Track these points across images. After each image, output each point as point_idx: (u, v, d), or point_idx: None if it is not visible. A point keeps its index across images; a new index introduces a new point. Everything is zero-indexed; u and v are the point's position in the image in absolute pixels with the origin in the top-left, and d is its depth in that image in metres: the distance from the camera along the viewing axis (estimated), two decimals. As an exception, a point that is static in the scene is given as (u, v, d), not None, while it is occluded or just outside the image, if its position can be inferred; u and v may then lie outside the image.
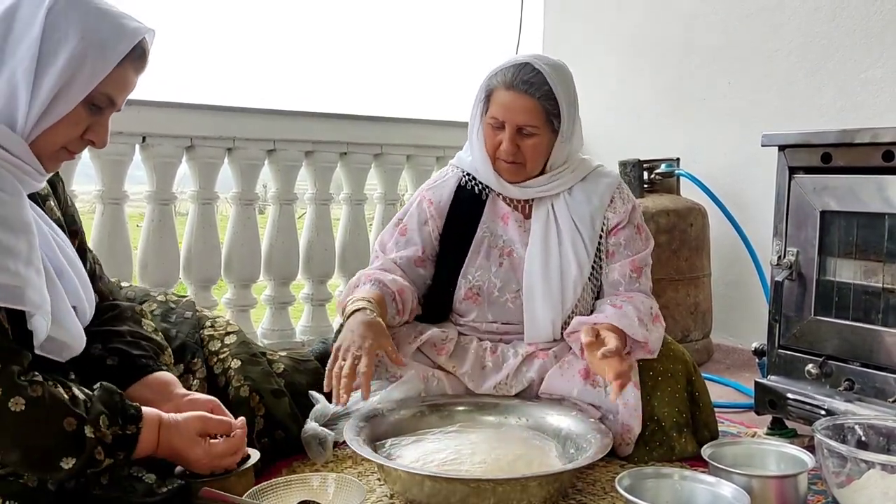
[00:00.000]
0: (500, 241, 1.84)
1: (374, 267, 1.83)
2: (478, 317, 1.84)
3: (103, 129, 1.24)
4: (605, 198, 1.82)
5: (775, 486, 1.39)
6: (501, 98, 1.73)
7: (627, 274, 1.79)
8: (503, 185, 1.81)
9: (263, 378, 1.63)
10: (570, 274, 1.78)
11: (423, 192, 1.92)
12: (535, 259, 1.79)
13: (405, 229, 1.88)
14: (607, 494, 1.50)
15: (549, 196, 1.82)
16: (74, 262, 1.32)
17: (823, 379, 1.76)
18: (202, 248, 2.52)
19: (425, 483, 1.36)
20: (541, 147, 1.76)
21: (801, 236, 1.82)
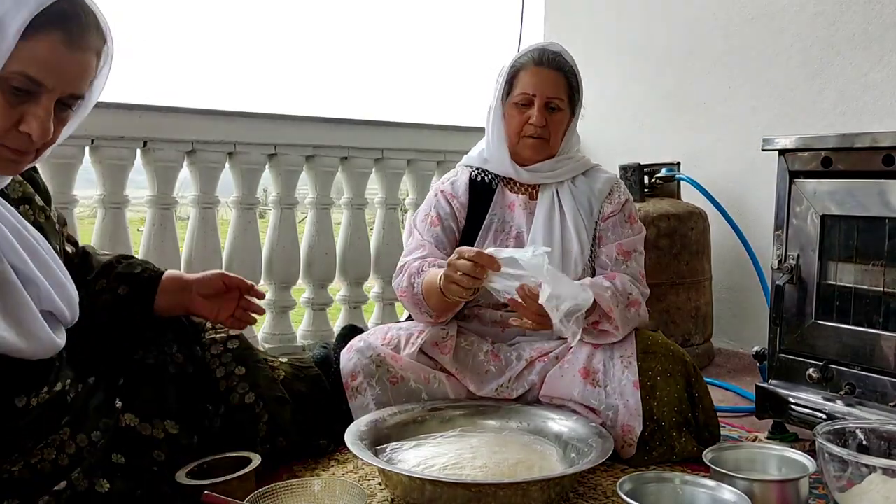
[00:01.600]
0: (508, 227, 1.92)
1: (422, 255, 1.86)
2: (483, 298, 1.86)
3: (38, 118, 1.07)
4: (604, 190, 1.94)
5: (777, 490, 1.39)
6: (531, 74, 1.86)
7: (614, 257, 1.87)
8: (516, 169, 1.91)
9: (267, 385, 1.62)
10: (572, 252, 1.85)
11: (440, 188, 1.98)
12: (538, 235, 1.87)
13: (438, 220, 1.92)
14: (608, 499, 1.50)
15: (555, 183, 1.92)
16: (49, 266, 1.26)
17: (824, 383, 1.76)
18: (203, 253, 2.52)
19: (426, 487, 1.36)
20: (562, 123, 1.90)
21: (802, 240, 1.82)
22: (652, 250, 2.44)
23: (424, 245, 1.89)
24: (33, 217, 1.35)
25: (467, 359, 1.84)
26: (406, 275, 1.83)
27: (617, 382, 1.70)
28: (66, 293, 1.32)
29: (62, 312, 1.30)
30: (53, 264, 1.30)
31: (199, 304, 1.54)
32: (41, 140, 1.09)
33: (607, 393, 1.69)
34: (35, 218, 1.36)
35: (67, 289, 1.33)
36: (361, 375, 1.77)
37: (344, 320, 2.85)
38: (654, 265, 2.38)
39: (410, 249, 1.91)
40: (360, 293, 2.91)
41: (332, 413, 1.72)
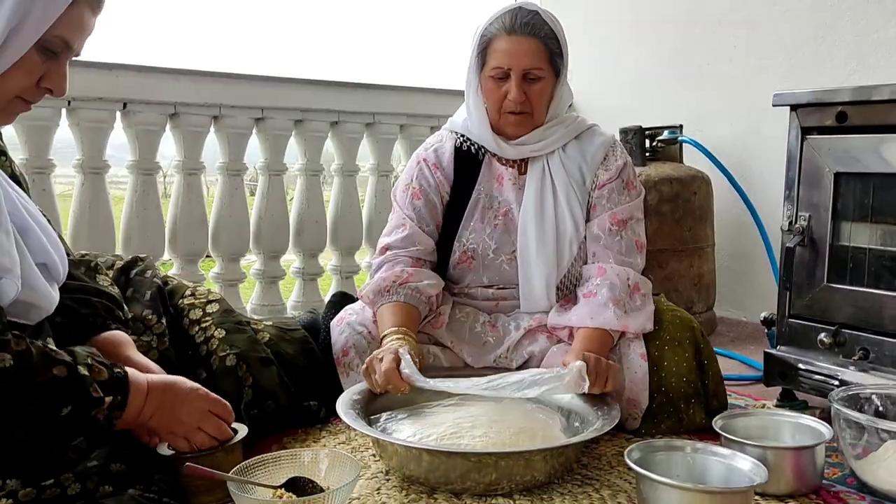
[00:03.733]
0: (496, 203, 1.77)
1: (403, 237, 1.74)
2: (472, 281, 1.77)
3: (60, 75, 1.14)
4: (598, 155, 1.75)
5: (792, 458, 1.32)
6: (503, 45, 1.65)
7: (607, 227, 1.71)
8: (500, 144, 1.74)
9: (250, 346, 1.54)
10: (566, 232, 1.72)
11: (423, 156, 1.82)
12: (529, 217, 1.72)
13: (420, 193, 1.78)
14: (614, 469, 1.43)
15: (544, 154, 1.75)
16: (38, 216, 1.25)
17: (836, 348, 1.69)
18: (188, 221, 2.43)
19: (423, 458, 1.28)
20: (546, 92, 1.70)
21: (814, 200, 1.74)
22: (654, 216, 2.36)
23: (405, 224, 1.76)
24: (10, 170, 1.30)
25: (463, 330, 1.76)
26: (374, 285, 1.69)
27: (623, 355, 1.61)
28: (57, 248, 1.26)
29: (55, 265, 1.24)
30: (41, 217, 1.26)
31: None
32: (60, 95, 1.17)
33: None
34: (12, 170, 1.31)
35: (57, 243, 1.27)
36: (353, 351, 1.69)
37: (335, 291, 2.76)
38: (655, 231, 2.30)
39: (391, 228, 1.79)
40: (352, 263, 2.82)
41: (321, 375, 1.64)
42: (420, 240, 1.74)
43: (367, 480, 1.37)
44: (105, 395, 1.12)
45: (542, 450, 1.29)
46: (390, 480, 1.36)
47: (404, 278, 1.68)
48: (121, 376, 1.16)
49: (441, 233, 1.78)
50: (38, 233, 1.20)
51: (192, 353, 1.54)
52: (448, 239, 1.77)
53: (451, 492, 1.30)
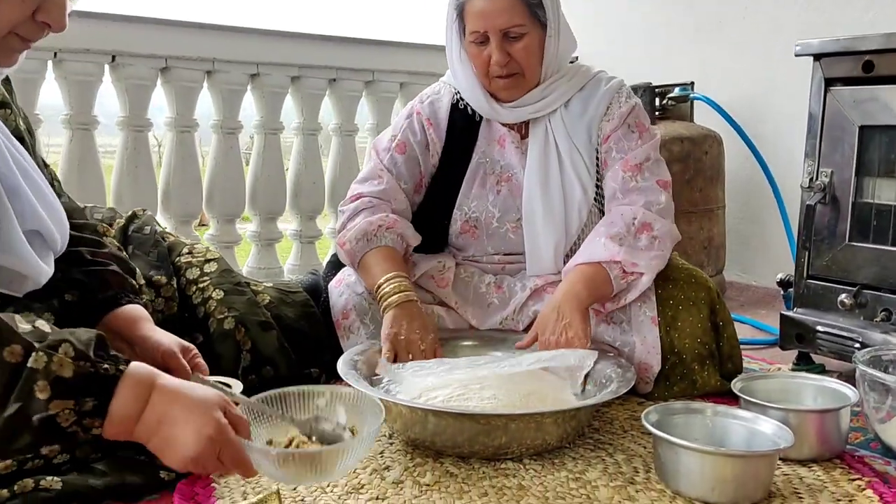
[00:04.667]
0: (498, 167, 1.66)
1: (379, 189, 1.64)
2: (477, 251, 1.69)
3: (58, 7, 1.04)
4: (601, 106, 1.62)
5: (816, 421, 1.26)
6: (477, 6, 1.54)
7: (620, 177, 1.58)
8: (495, 108, 1.63)
9: (249, 309, 1.47)
10: (574, 197, 1.61)
11: (416, 108, 1.71)
12: (533, 183, 1.62)
13: (404, 147, 1.67)
14: (627, 433, 1.37)
15: (546, 114, 1.63)
16: (35, 180, 1.15)
17: (857, 309, 1.62)
18: (181, 181, 2.34)
19: (429, 420, 1.22)
20: (532, 48, 1.57)
21: (836, 155, 1.66)
22: (664, 176, 2.28)
23: (382, 176, 1.65)
24: (14, 123, 1.20)
25: (468, 291, 1.68)
26: (359, 229, 1.58)
27: (633, 317, 1.54)
28: (56, 214, 1.16)
29: (51, 234, 1.14)
30: (39, 180, 1.16)
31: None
32: (59, 30, 1.07)
33: (623, 329, 1.54)
34: (16, 124, 1.21)
35: (56, 209, 1.17)
36: (354, 313, 1.62)
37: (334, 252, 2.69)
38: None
39: (365, 176, 1.67)
40: (351, 226, 2.73)
41: (322, 341, 1.57)
42: (396, 196, 1.64)
43: (370, 444, 1.30)
44: (55, 398, 0.86)
45: (554, 412, 1.22)
46: (394, 444, 1.30)
47: (390, 223, 1.59)
48: (103, 374, 0.90)
49: (439, 199, 1.68)
50: (30, 197, 1.11)
51: (189, 316, 1.46)
52: (447, 206, 1.68)
53: (458, 455, 1.24)
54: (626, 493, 1.13)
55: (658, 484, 1.17)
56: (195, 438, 0.90)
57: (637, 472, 1.21)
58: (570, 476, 1.19)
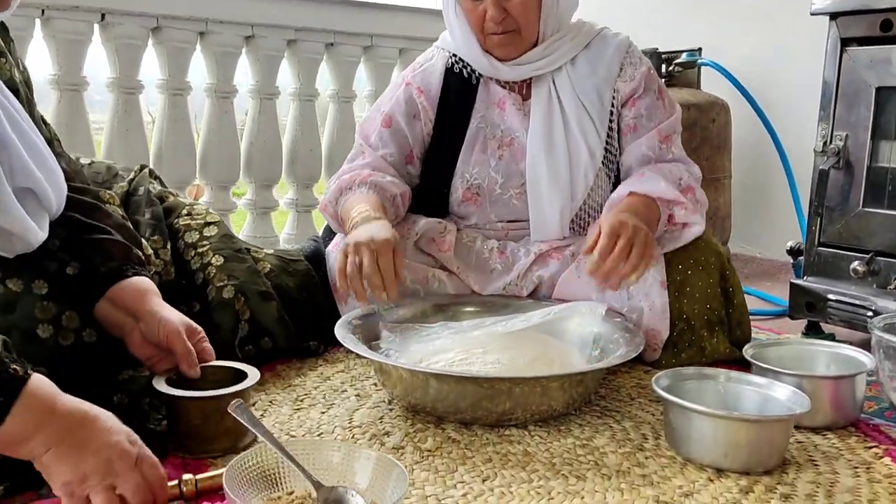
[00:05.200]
0: (498, 131, 1.59)
1: (362, 164, 1.59)
2: (480, 218, 1.63)
3: None
4: (612, 66, 1.55)
5: (830, 388, 1.22)
6: None
7: (656, 146, 1.55)
8: (495, 66, 1.56)
9: (250, 277, 1.41)
10: (581, 160, 1.55)
11: (407, 78, 1.64)
12: (537, 146, 1.55)
13: (390, 120, 1.61)
14: (634, 401, 1.32)
15: (549, 72, 1.56)
16: (28, 135, 1.07)
17: (870, 277, 1.58)
18: (174, 146, 2.28)
19: (430, 384, 1.17)
20: (530, 4, 1.50)
21: (852, 118, 1.61)
22: (670, 144, 2.22)
23: (364, 150, 1.60)
24: (9, 74, 1.12)
25: (470, 256, 1.63)
26: (335, 187, 1.55)
27: (641, 282, 1.49)
28: (52, 174, 1.09)
29: (45, 193, 1.06)
30: (34, 135, 1.08)
31: (138, 341, 1.11)
32: None
33: (630, 294, 1.49)
34: (11, 75, 1.12)
35: (53, 169, 1.10)
36: (351, 278, 1.57)
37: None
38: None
39: (350, 157, 1.63)
40: (349, 195, 2.68)
41: (323, 312, 1.51)
42: (380, 166, 1.58)
43: (369, 409, 1.26)
44: None
45: (560, 375, 1.18)
46: (394, 410, 1.25)
47: (365, 175, 1.53)
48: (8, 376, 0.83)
49: (438, 167, 1.62)
50: (20, 152, 1.03)
51: (187, 282, 1.41)
52: (446, 174, 1.62)
53: (461, 422, 1.19)
54: (636, 460, 1.09)
55: (668, 451, 1.12)
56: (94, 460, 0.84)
57: (646, 438, 1.17)
58: (576, 443, 1.15)
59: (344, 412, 1.24)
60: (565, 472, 1.05)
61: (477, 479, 1.02)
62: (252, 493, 0.89)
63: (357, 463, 0.94)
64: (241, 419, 0.95)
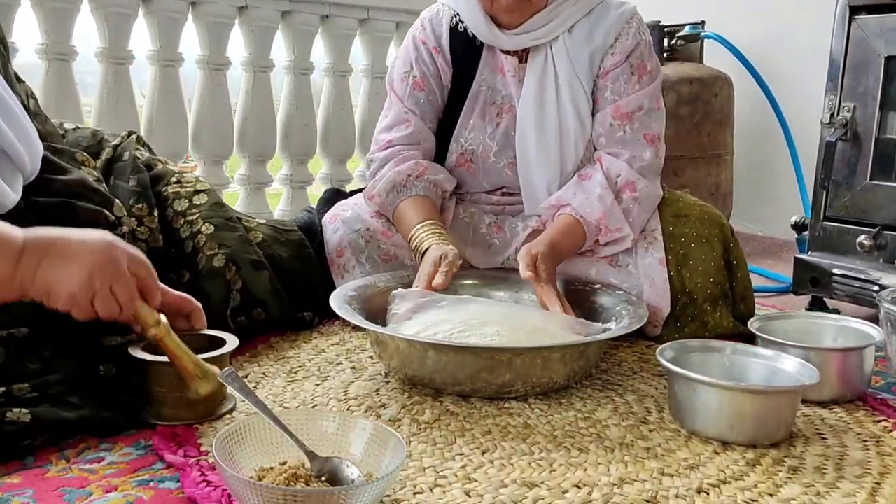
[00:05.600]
0: (499, 97, 1.55)
1: (406, 135, 1.54)
2: (472, 186, 1.60)
3: None
4: (609, 35, 1.48)
5: (838, 360, 1.19)
6: None
7: (609, 123, 1.48)
8: (494, 33, 1.50)
9: (241, 246, 1.37)
10: (570, 131, 1.50)
11: (420, 36, 1.58)
12: (528, 115, 1.51)
13: (422, 83, 1.56)
14: (637, 375, 1.30)
15: (548, 41, 1.50)
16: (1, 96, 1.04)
17: (877, 252, 1.55)
18: (165, 119, 2.22)
19: (428, 355, 1.14)
20: None
21: (860, 89, 1.57)
22: (671, 119, 2.17)
23: (409, 119, 1.54)
24: None
25: (467, 232, 1.59)
26: (389, 181, 1.50)
27: (640, 260, 1.46)
28: (25, 135, 1.05)
29: (19, 155, 1.03)
30: (6, 94, 1.05)
31: None
32: None
33: (629, 272, 1.46)
34: None
35: (26, 129, 1.06)
36: (349, 251, 1.53)
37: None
38: (672, 136, 2.12)
39: (391, 123, 1.56)
40: (344, 171, 2.64)
41: (317, 283, 1.48)
42: (425, 137, 1.56)
43: (364, 382, 1.22)
44: None
45: (562, 346, 1.15)
46: (390, 382, 1.22)
47: (420, 171, 1.50)
48: None
49: (438, 132, 1.59)
50: None
51: (176, 251, 1.37)
52: (444, 137, 1.58)
53: (459, 394, 1.16)
54: (639, 433, 1.06)
55: (672, 423, 1.10)
56: (78, 272, 0.89)
57: (649, 412, 1.14)
58: (578, 415, 1.12)
59: (339, 384, 1.20)
60: (567, 444, 1.02)
61: (476, 451, 0.99)
62: (243, 464, 0.85)
63: (352, 433, 0.91)
64: (232, 388, 0.92)
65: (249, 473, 0.84)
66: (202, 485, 0.87)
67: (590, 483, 0.92)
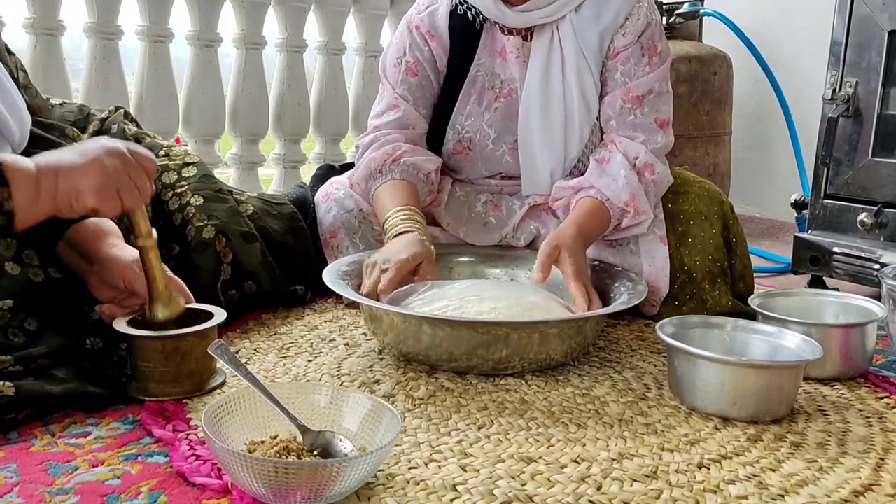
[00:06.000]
0: (498, 81, 1.49)
1: (393, 120, 1.49)
2: (471, 173, 1.56)
3: None
4: (619, 15, 1.42)
5: (840, 336, 1.17)
6: None
7: (619, 106, 1.44)
8: (501, 10, 1.44)
9: (231, 218, 1.34)
10: (575, 116, 1.45)
11: (414, 21, 1.53)
12: (533, 97, 1.46)
13: (415, 68, 1.50)
14: (635, 352, 1.27)
15: (555, 20, 1.45)
16: None
17: (878, 230, 1.53)
18: (155, 95, 2.18)
19: (423, 330, 1.11)
20: None
21: (863, 64, 1.55)
22: (669, 98, 2.16)
23: (399, 104, 1.50)
24: None
25: (462, 210, 1.56)
26: (364, 169, 1.46)
27: (641, 238, 1.43)
28: (14, 106, 1.03)
29: (6, 125, 1.01)
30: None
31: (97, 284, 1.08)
32: None
33: (630, 250, 1.43)
34: None
35: (15, 100, 1.04)
36: (342, 231, 1.50)
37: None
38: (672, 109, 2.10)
39: (382, 109, 1.52)
40: (337, 151, 2.61)
41: (310, 257, 1.45)
42: (415, 123, 1.51)
43: (358, 358, 1.20)
44: None
45: (560, 320, 1.12)
46: (384, 359, 1.20)
47: (397, 154, 1.44)
48: None
49: (434, 118, 1.54)
50: None
51: (165, 224, 1.34)
52: (440, 123, 1.53)
53: (454, 371, 1.14)
54: (638, 409, 1.04)
55: (672, 400, 1.07)
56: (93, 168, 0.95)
57: (648, 388, 1.12)
58: (576, 392, 1.09)
59: (332, 360, 1.18)
60: (565, 420, 1.00)
61: (472, 426, 0.97)
62: (233, 437, 0.83)
63: (345, 407, 0.88)
64: (221, 360, 0.90)
65: (239, 447, 0.82)
66: (191, 459, 0.85)
67: (588, 458, 0.90)
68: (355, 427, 0.86)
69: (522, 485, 0.83)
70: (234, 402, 0.86)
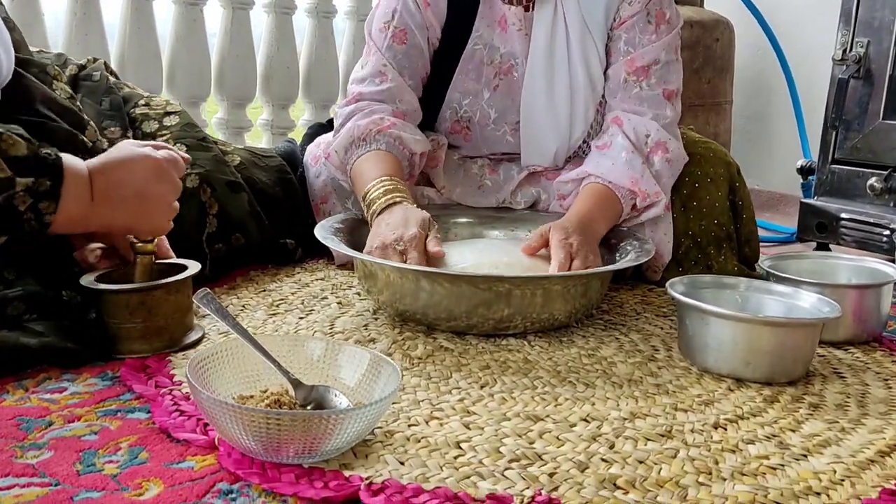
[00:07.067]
0: (497, 56, 1.40)
1: (379, 90, 1.36)
2: (470, 151, 1.49)
3: None
4: None
5: (855, 298, 1.12)
6: None
7: (623, 78, 1.35)
8: None
9: (216, 167, 1.28)
10: (580, 92, 1.37)
11: None
12: (537, 72, 1.37)
13: (403, 35, 1.38)
14: (640, 315, 1.23)
15: None
16: None
17: (888, 195, 1.49)
18: (137, 55, 2.09)
19: (421, 287, 1.05)
20: None
21: (875, 23, 1.49)
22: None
23: (386, 73, 1.37)
24: None
25: (458, 172, 1.50)
26: (345, 135, 1.33)
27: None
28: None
29: None
30: None
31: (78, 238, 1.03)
32: None
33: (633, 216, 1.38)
34: None
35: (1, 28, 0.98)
36: (334, 196, 1.44)
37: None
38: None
39: (367, 74, 1.39)
40: (327, 117, 2.52)
41: (300, 211, 1.39)
42: (402, 96, 1.38)
43: (351, 317, 1.14)
44: (17, 176, 0.85)
45: (563, 276, 1.07)
46: (379, 319, 1.14)
47: (384, 126, 1.31)
48: (51, 159, 0.89)
49: (428, 94, 1.43)
50: None
51: None
52: (436, 100, 1.43)
53: (453, 330, 1.08)
54: (648, 370, 0.99)
55: (682, 362, 1.03)
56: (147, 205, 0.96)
57: (657, 350, 1.07)
58: (581, 352, 1.04)
59: (324, 318, 1.12)
60: (572, 379, 0.95)
61: (474, 385, 0.92)
62: (220, 391, 0.77)
63: (341, 360, 0.82)
64: (207, 310, 0.83)
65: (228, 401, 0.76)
66: (174, 414, 0.79)
67: (599, 417, 0.85)
68: (352, 382, 0.81)
69: (530, 443, 0.78)
70: (221, 354, 0.80)
